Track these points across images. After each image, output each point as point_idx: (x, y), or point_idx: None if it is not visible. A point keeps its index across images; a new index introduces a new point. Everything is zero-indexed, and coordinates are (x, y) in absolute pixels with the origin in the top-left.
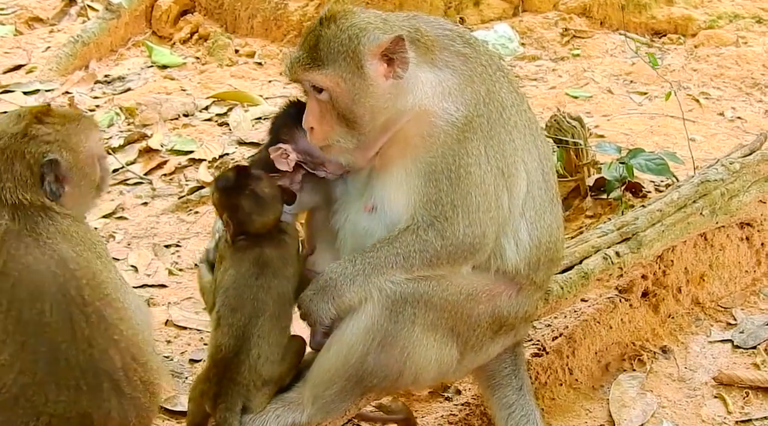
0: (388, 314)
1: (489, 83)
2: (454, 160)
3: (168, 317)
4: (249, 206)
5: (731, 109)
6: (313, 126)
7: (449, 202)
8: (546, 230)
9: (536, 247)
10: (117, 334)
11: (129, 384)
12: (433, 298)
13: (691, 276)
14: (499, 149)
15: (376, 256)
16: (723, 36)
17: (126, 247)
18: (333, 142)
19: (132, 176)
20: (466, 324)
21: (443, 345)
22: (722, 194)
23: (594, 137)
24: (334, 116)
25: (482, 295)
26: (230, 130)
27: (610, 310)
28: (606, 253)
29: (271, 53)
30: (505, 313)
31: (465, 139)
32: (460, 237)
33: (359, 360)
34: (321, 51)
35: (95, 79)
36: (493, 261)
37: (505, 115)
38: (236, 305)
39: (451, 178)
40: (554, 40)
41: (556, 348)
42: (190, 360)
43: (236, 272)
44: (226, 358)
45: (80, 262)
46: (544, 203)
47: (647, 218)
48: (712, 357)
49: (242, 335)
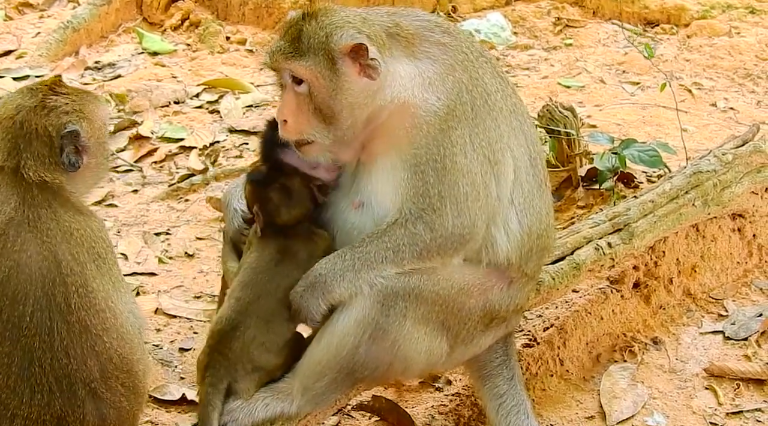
0: (380, 307)
1: (471, 70)
2: (438, 150)
3: (158, 306)
4: (278, 199)
5: (724, 99)
6: (287, 118)
7: (436, 193)
8: (536, 217)
9: (527, 235)
10: (99, 345)
11: (108, 390)
12: (425, 291)
13: (682, 267)
14: (485, 136)
15: (366, 251)
16: (716, 26)
17: (116, 234)
18: (308, 136)
19: (122, 163)
20: (456, 317)
21: (433, 338)
22: (714, 185)
23: (586, 127)
24: (310, 110)
25: (473, 289)
26: (221, 117)
27: (602, 301)
28: (598, 244)
29: (263, 40)
30: (496, 306)
31: (449, 129)
32: (449, 228)
33: (350, 352)
34: (302, 44)
35: (85, 65)
36: (485, 252)
37: (490, 101)
38: (249, 281)
39: (437, 169)
40: (547, 30)
41: (547, 339)
42: (180, 348)
43: (259, 255)
44: (223, 330)
45: (74, 267)
46: (533, 189)
47: (639, 209)
48: (704, 348)
49: (245, 311)
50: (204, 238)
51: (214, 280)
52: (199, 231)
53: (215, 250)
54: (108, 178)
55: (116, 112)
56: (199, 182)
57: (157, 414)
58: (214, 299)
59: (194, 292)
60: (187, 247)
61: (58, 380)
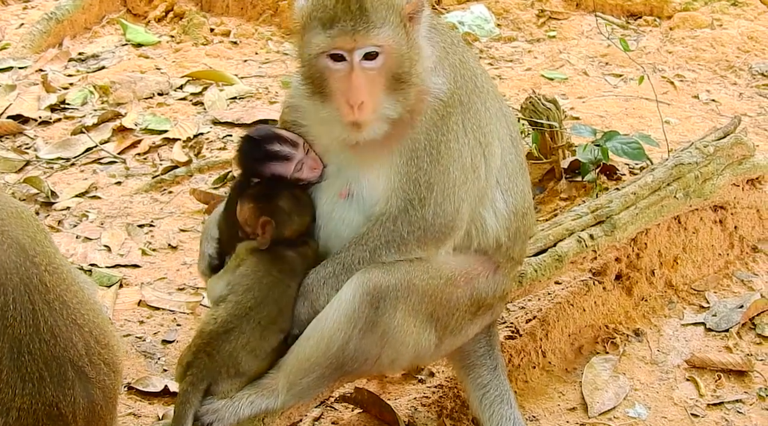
0: (370, 301)
1: (459, 53)
2: (437, 136)
3: (141, 298)
4: (289, 207)
5: (706, 91)
6: (364, 99)
7: (426, 181)
8: (520, 196)
9: (513, 214)
10: (79, 318)
11: (93, 368)
12: (413, 283)
13: (664, 259)
14: (476, 120)
15: (345, 256)
16: (698, 18)
17: (99, 226)
18: (383, 112)
19: (105, 155)
20: (445, 308)
21: (422, 330)
22: (696, 177)
23: (569, 119)
24: (382, 84)
25: (460, 278)
26: (205, 109)
27: (584, 292)
28: (580, 236)
29: (247, 32)
30: (483, 294)
31: (447, 115)
32: (429, 220)
33: (341, 347)
34: (372, 14)
35: (69, 56)
36: (474, 234)
37: (478, 83)
38: (251, 286)
39: (432, 155)
40: (530, 22)
41: (529, 331)
42: (163, 341)
43: (258, 261)
44: (215, 331)
45: (36, 248)
46: (516, 169)
47: (621, 201)
48: (685, 340)
49: (243, 316)
50: (187, 230)
51: (197, 272)
52: (182, 223)
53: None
54: (91, 170)
55: (100, 104)
56: (183, 174)
57: (140, 406)
58: (197, 291)
59: (177, 284)
60: (170, 238)
61: (48, 364)
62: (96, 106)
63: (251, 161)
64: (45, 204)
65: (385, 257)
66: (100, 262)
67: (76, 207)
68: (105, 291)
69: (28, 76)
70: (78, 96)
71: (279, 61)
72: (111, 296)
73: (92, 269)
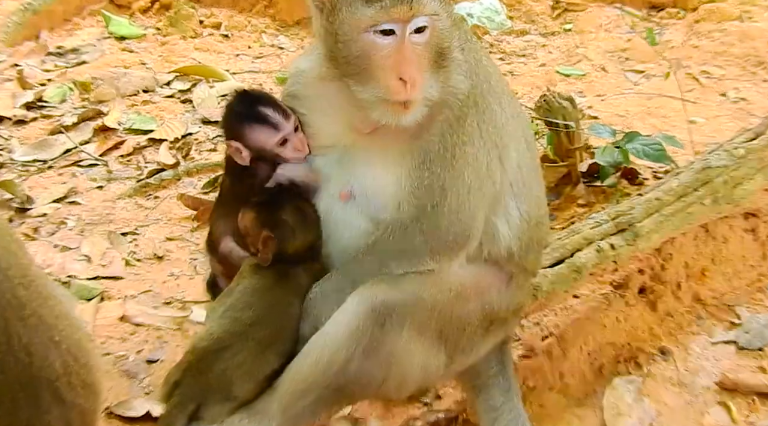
0: (375, 318)
1: (474, 51)
2: (452, 138)
3: (123, 312)
4: (294, 221)
5: (734, 89)
6: (414, 76)
7: (440, 186)
8: (534, 203)
9: (527, 222)
10: (57, 334)
11: (71, 390)
12: (422, 298)
13: (691, 271)
14: (491, 121)
15: (351, 268)
16: (726, 10)
17: (79, 234)
18: (430, 91)
19: (86, 157)
20: (455, 325)
21: (431, 349)
22: (725, 182)
23: (587, 119)
24: (429, 60)
25: (471, 291)
26: (194, 107)
27: (604, 307)
28: (600, 246)
29: (239, 25)
30: (495, 307)
31: (464, 116)
32: (443, 229)
33: (341, 368)
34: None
35: (47, 50)
36: (486, 243)
37: (492, 82)
38: (251, 302)
39: (446, 159)
40: (544, 13)
41: (545, 349)
42: (148, 360)
43: (261, 277)
44: (208, 349)
45: (10, 260)
46: (530, 175)
47: (644, 208)
48: (715, 359)
49: (241, 334)
50: (175, 239)
51: (186, 284)
52: (169, 231)
53: (187, 251)
54: (70, 173)
55: (80, 102)
56: (170, 178)
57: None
58: (185, 305)
59: (164, 298)
60: (156, 248)
61: (22, 386)
62: (76, 104)
63: (236, 118)
64: (20, 210)
65: (394, 269)
66: (79, 273)
67: (53, 213)
68: (84, 305)
69: (3, 72)
70: (56, 93)
71: (274, 55)
72: (91, 311)
73: (71, 281)
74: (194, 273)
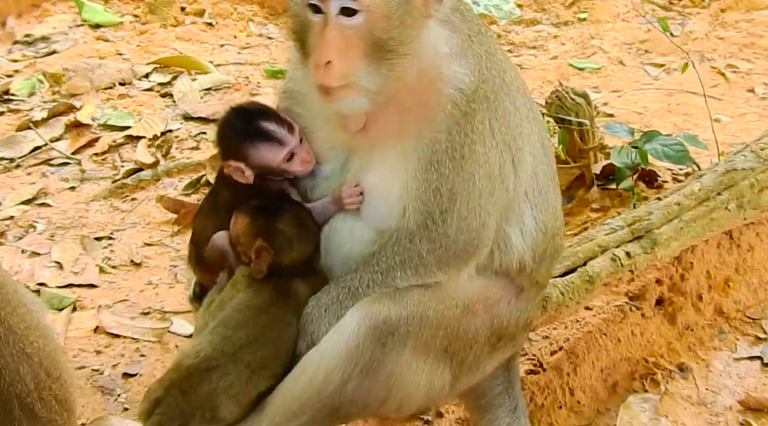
0: (376, 336)
1: (486, 44)
2: (460, 137)
3: (98, 323)
4: (291, 231)
5: (763, 84)
6: (333, 59)
7: (448, 190)
8: (551, 213)
9: (542, 233)
10: (28, 346)
11: (43, 405)
12: (426, 314)
13: (714, 281)
14: (504, 121)
15: (352, 279)
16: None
17: (49, 239)
18: (355, 79)
19: (57, 155)
20: (462, 341)
21: (435, 367)
22: (751, 185)
23: (602, 116)
24: (361, 47)
25: (478, 305)
26: (174, 102)
27: (619, 320)
28: (614, 254)
29: (224, 12)
30: (504, 322)
31: (472, 112)
32: (452, 237)
33: (337, 388)
34: None
35: (14, 39)
36: (497, 253)
37: (506, 79)
38: (244, 321)
39: (455, 159)
40: (557, 1)
41: (555, 364)
42: (124, 374)
43: (255, 292)
44: (195, 367)
45: None
46: (548, 181)
47: (663, 213)
48: (738, 377)
49: (232, 355)
50: (153, 244)
51: (165, 293)
52: (147, 236)
53: (166, 257)
54: (40, 173)
55: (50, 95)
56: (148, 178)
57: None
58: (165, 316)
59: (141, 308)
60: (133, 254)
61: None
62: (46, 98)
63: (236, 136)
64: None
65: (399, 281)
66: (49, 281)
67: (21, 216)
68: (56, 315)
69: None
70: (24, 85)
71: (261, 45)
72: (63, 321)
73: (40, 289)
74: (174, 281)
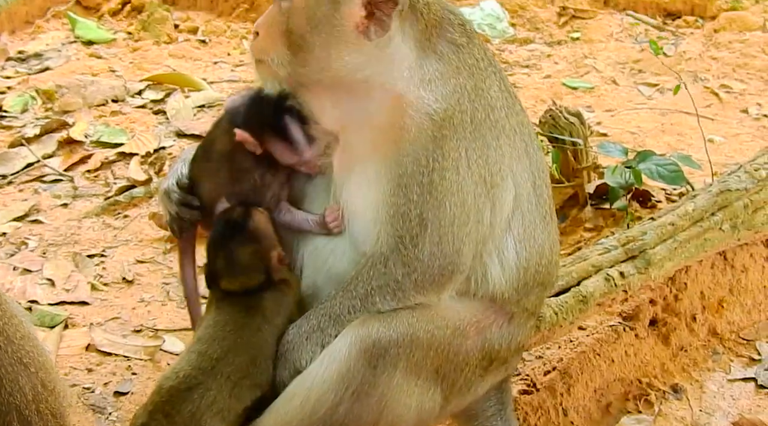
0: (367, 359)
1: (478, 78)
2: (427, 161)
3: (89, 341)
4: (222, 266)
5: (756, 105)
6: (259, 31)
7: (417, 215)
8: (536, 251)
9: (524, 269)
10: (25, 356)
11: (41, 419)
12: (416, 336)
13: (707, 302)
14: (482, 154)
15: (330, 306)
16: (748, 19)
17: (41, 256)
18: (268, 57)
19: (49, 172)
20: (452, 363)
21: (426, 390)
22: (745, 206)
23: (596, 136)
24: (283, 29)
25: (470, 328)
26: (167, 119)
27: (613, 340)
28: (608, 274)
29: (217, 29)
30: (496, 346)
31: (442, 138)
32: (426, 261)
33: (329, 411)
34: None
35: (7, 55)
36: (475, 284)
37: (492, 116)
38: (214, 336)
39: (423, 184)
40: (550, 21)
41: (548, 384)
42: (115, 392)
43: (220, 310)
44: (176, 388)
45: None
46: (535, 220)
47: (657, 233)
48: (732, 398)
49: (209, 370)
50: (146, 262)
51: (157, 310)
52: (139, 253)
53: (159, 275)
54: (32, 189)
55: (43, 112)
56: (141, 195)
57: None
58: (157, 334)
59: (133, 325)
60: (125, 271)
61: None
62: (38, 114)
63: (262, 122)
64: None
65: (379, 305)
66: (41, 298)
67: (13, 233)
68: (47, 332)
69: None
70: (17, 102)
71: None
72: (54, 339)
73: (32, 307)
74: (166, 299)
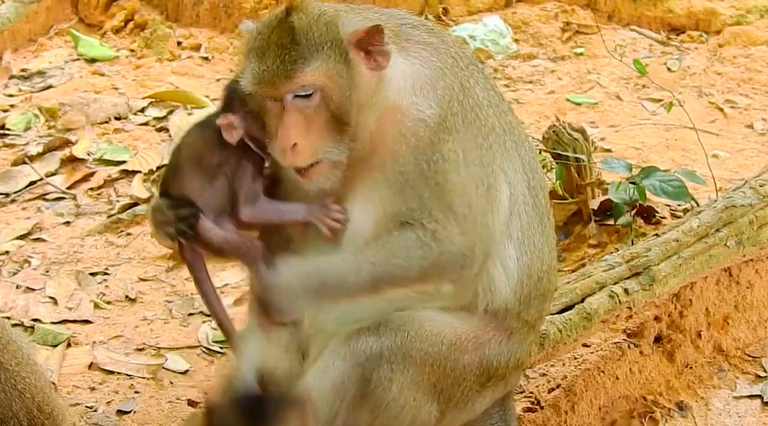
0: (361, 372)
1: (462, 78)
2: (428, 166)
3: (92, 360)
4: None
5: (762, 120)
6: (297, 141)
7: (434, 207)
8: (537, 255)
9: (527, 276)
10: (20, 382)
11: None
12: (412, 349)
13: (713, 319)
14: (476, 155)
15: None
16: (752, 33)
17: (44, 274)
18: (324, 155)
19: (52, 190)
20: (449, 378)
21: (423, 403)
22: (750, 222)
23: (599, 152)
24: (322, 123)
25: (468, 343)
26: (170, 136)
27: (617, 357)
28: (612, 291)
29: (220, 46)
30: (494, 362)
31: (439, 142)
32: (456, 242)
33: (325, 423)
34: (301, 45)
35: (10, 73)
36: (482, 295)
37: (481, 116)
38: None
39: (430, 185)
40: (553, 36)
41: (552, 402)
42: (118, 411)
43: None
44: None
45: None
46: (533, 222)
47: (661, 249)
48: (738, 416)
49: None
50: (148, 280)
51: (160, 328)
52: (142, 271)
53: (161, 293)
54: (35, 207)
55: (46, 130)
56: (144, 213)
57: None
58: (159, 352)
59: (136, 344)
60: (128, 289)
61: None
62: (41, 132)
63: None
64: None
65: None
66: (44, 316)
67: (16, 251)
68: (50, 351)
69: None
70: (20, 120)
71: None
72: (57, 357)
73: (35, 325)
74: (169, 317)
